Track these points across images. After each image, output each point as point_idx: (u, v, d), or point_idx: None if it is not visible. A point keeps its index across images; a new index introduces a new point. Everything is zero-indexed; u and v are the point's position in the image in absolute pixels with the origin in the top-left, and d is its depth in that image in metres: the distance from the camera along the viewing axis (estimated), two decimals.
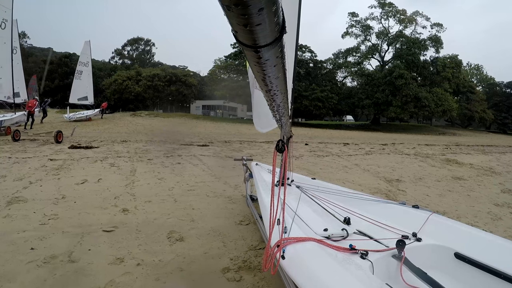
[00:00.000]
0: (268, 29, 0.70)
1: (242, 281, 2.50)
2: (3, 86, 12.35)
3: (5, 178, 5.44)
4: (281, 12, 0.70)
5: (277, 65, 0.97)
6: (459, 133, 42.67)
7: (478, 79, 65.81)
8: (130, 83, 41.56)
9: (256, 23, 0.65)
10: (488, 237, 1.98)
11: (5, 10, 12.42)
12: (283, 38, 0.81)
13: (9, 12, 12.58)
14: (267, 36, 0.73)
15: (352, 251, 1.72)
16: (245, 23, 0.65)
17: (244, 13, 0.61)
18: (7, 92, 12.49)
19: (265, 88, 1.25)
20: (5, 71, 12.25)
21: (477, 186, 7.18)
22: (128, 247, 3.01)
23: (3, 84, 12.31)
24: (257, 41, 0.75)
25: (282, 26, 0.75)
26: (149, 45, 64.63)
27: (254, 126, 4.26)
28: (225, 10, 0.62)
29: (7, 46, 12.29)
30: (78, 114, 23.18)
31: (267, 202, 2.15)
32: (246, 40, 0.75)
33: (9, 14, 12.59)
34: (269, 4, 0.61)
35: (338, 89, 44.73)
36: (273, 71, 1.01)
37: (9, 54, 12.41)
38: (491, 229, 4.26)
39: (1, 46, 12.19)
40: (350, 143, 17.88)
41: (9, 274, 2.46)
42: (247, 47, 0.78)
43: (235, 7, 0.59)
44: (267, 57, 0.85)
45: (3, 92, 12.45)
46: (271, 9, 0.63)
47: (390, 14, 46.76)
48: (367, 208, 2.60)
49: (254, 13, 0.61)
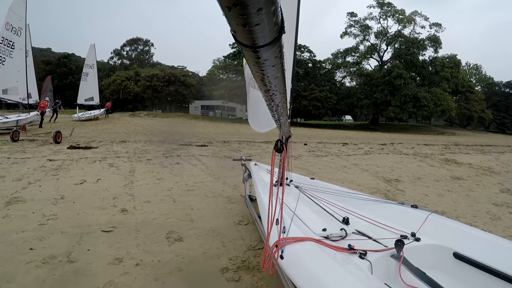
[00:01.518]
0: (267, 29, 0.70)
1: (241, 281, 2.50)
2: (19, 89, 13.60)
3: (4, 178, 5.42)
4: (280, 12, 0.70)
5: (276, 65, 0.96)
6: (458, 133, 42.74)
7: (477, 79, 65.94)
8: (129, 83, 41.53)
9: (255, 23, 0.65)
10: (487, 237, 1.98)
11: (20, 19, 13.80)
12: (282, 38, 0.81)
13: (23, 20, 13.95)
14: (266, 36, 0.73)
15: (350, 251, 1.72)
16: (244, 23, 0.65)
17: (243, 13, 0.61)
18: (23, 94, 13.65)
19: (264, 88, 1.25)
20: (21, 75, 13.55)
21: (476, 186, 7.19)
22: (127, 247, 3.01)
23: (19, 86, 13.59)
24: (256, 41, 0.75)
25: (281, 26, 0.75)
26: (148, 45, 64.62)
27: (251, 126, 4.24)
28: (224, 10, 0.62)
29: (23, 52, 13.62)
30: (86, 113, 24.35)
31: (266, 202, 2.15)
32: (245, 40, 0.75)
33: (23, 23, 13.96)
34: (268, 4, 0.61)
35: (337, 89, 44.73)
36: (272, 71, 1.00)
37: (24, 59, 13.69)
38: (490, 229, 4.27)
39: (17, 52, 13.49)
40: (349, 143, 17.89)
41: (8, 274, 2.46)
42: (246, 47, 0.78)
43: (234, 7, 0.59)
44: (266, 57, 0.85)
45: (19, 94, 13.63)
46: (270, 9, 0.63)
47: (389, 14, 46.80)
48: (366, 208, 2.61)
49: (253, 13, 0.61)
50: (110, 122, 23.67)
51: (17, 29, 13.66)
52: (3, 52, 13.01)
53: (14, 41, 13.51)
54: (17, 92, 13.63)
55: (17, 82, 13.53)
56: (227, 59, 44.97)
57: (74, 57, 52.67)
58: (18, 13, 13.76)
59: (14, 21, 13.60)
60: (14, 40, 13.52)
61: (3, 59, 12.99)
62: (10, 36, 13.37)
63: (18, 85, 13.59)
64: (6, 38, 13.17)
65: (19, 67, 13.59)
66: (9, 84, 13.32)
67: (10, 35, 13.37)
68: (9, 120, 13.21)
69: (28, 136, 11.75)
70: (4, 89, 13.12)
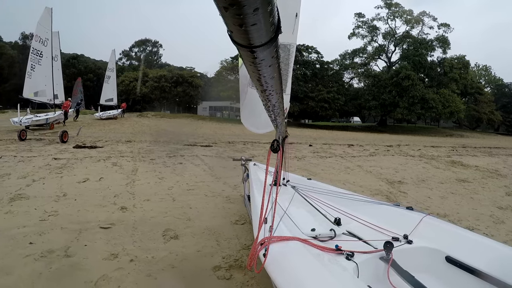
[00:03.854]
0: (263, 29, 0.70)
1: (232, 279, 2.53)
2: (46, 91, 15.81)
3: (9, 176, 5.56)
4: (276, 12, 0.70)
5: (272, 65, 0.97)
6: (467, 135, 42.05)
7: (486, 80, 64.73)
8: (137, 84, 41.91)
9: (251, 23, 0.65)
10: (482, 241, 1.92)
11: (46, 30, 15.95)
12: (278, 38, 0.81)
13: (49, 32, 16.11)
14: (263, 36, 0.73)
15: (337, 252, 1.68)
16: (241, 23, 0.65)
17: (239, 13, 0.61)
18: (49, 96, 15.94)
19: (260, 88, 1.25)
20: (48, 79, 15.84)
21: (481, 189, 7.09)
22: (123, 243, 3.07)
23: (46, 89, 15.82)
24: (252, 41, 0.75)
25: (277, 26, 0.75)
26: (157, 46, 65.11)
27: (246, 127, 4.19)
28: (221, 10, 0.62)
29: (49, 59, 15.97)
30: (106, 113, 26.35)
31: (258, 201, 2.14)
32: (241, 40, 0.75)
33: (49, 34, 16.11)
34: (264, 4, 0.61)
35: (344, 90, 44.41)
36: (268, 71, 1.01)
37: (50, 65, 16.07)
38: (493, 233, 4.20)
39: (45, 60, 15.70)
40: (354, 145, 17.77)
41: (7, 267, 2.54)
42: (242, 47, 0.79)
43: (231, 7, 0.59)
44: (262, 57, 0.86)
45: (47, 96, 15.85)
46: (266, 9, 0.63)
47: (397, 14, 46.32)
48: (360, 209, 2.55)
49: (249, 13, 0.61)
50: (117, 122, 23.96)
51: (44, 39, 15.79)
52: (33, 61, 15.16)
53: (42, 51, 15.61)
54: (45, 94, 15.79)
55: (45, 85, 15.76)
56: (235, 60, 45.06)
57: (83, 58, 53.33)
58: (45, 26, 15.91)
59: (42, 33, 15.73)
60: (42, 49, 15.61)
61: (33, 67, 15.19)
62: (39, 46, 15.52)
63: (46, 88, 15.80)
64: (35, 49, 15.36)
65: (46, 72, 15.82)
66: (39, 87, 15.51)
67: (39, 46, 15.52)
68: (40, 118, 15.30)
69: (35, 136, 11.98)
70: (35, 91, 15.33)
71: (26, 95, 15.03)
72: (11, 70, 44.88)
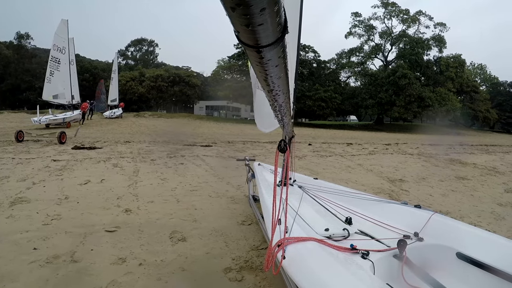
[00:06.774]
0: (270, 29, 0.70)
1: (243, 281, 2.50)
2: (64, 94, 18.25)
3: (8, 179, 5.47)
4: (283, 12, 0.70)
5: (279, 65, 0.96)
6: (463, 133, 42.31)
7: (481, 79, 65.32)
8: (134, 84, 41.71)
9: (258, 23, 0.65)
10: (491, 237, 1.95)
11: (63, 40, 18.21)
12: (285, 38, 0.80)
13: (66, 41, 18.35)
14: (269, 36, 0.73)
15: (353, 251, 1.71)
16: (247, 23, 0.65)
17: (246, 13, 0.61)
18: (68, 97, 18.43)
19: (267, 88, 1.25)
20: (66, 83, 18.25)
21: (480, 186, 7.13)
22: (130, 247, 3.02)
23: (64, 92, 18.25)
24: (259, 41, 0.75)
25: (284, 26, 0.75)
26: (153, 45, 64.90)
27: (257, 127, 4.25)
28: (228, 10, 0.62)
29: (67, 65, 18.41)
30: (111, 112, 28.14)
31: (269, 202, 2.15)
32: (248, 40, 0.75)
33: (66, 42, 18.36)
34: (271, 4, 0.61)
35: (341, 89, 44.61)
36: (275, 71, 1.00)
37: (68, 71, 18.52)
38: (494, 229, 4.23)
39: (62, 66, 18.05)
40: (353, 143, 17.81)
41: (12, 273, 2.48)
42: (249, 47, 0.78)
43: (238, 7, 0.59)
44: (269, 57, 0.85)
45: (65, 98, 18.33)
46: (273, 9, 0.63)
47: (393, 13, 46.56)
48: (369, 208, 2.59)
49: (256, 13, 0.61)
50: (114, 122, 23.85)
51: (61, 48, 18.07)
52: (52, 68, 17.53)
53: (59, 58, 17.94)
54: (64, 97, 18.22)
55: (64, 89, 18.21)
56: (232, 60, 45.01)
57: (78, 57, 52.84)
58: (61, 36, 18.12)
59: (59, 42, 17.92)
60: (59, 57, 17.94)
61: (52, 73, 17.52)
62: (57, 54, 17.83)
63: (64, 91, 18.25)
64: (54, 57, 17.67)
65: (64, 77, 18.23)
66: (58, 90, 17.84)
67: (57, 54, 17.82)
68: (58, 117, 17.46)
69: (33, 137, 11.85)
70: (54, 94, 17.64)
71: (46, 98, 17.18)
72: (6, 70, 44.48)
